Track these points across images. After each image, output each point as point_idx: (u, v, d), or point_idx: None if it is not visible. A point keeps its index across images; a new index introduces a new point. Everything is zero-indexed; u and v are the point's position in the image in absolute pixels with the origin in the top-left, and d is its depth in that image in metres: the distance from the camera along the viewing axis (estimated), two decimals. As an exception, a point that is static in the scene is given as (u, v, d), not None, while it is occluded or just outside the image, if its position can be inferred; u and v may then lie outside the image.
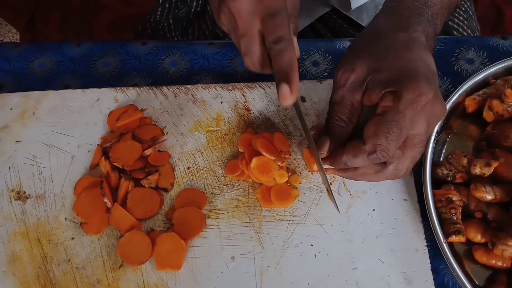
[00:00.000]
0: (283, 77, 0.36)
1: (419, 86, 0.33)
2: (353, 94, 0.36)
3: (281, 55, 0.36)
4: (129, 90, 0.49)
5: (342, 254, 0.40)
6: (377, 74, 0.35)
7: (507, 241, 0.36)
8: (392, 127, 0.33)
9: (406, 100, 0.33)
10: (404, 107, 0.33)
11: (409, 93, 0.33)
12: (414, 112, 0.33)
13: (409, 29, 0.37)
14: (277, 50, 0.36)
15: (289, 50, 0.36)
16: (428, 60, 0.35)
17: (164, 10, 0.66)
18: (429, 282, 0.38)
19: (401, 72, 0.34)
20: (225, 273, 0.39)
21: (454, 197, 0.39)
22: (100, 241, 0.41)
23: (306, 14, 0.64)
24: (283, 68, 0.36)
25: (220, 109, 0.47)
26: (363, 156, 0.35)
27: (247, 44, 0.38)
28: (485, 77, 0.46)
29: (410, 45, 0.36)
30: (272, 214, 0.42)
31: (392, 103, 0.34)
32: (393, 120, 0.33)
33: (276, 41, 0.36)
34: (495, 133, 0.42)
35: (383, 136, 0.33)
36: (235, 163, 0.43)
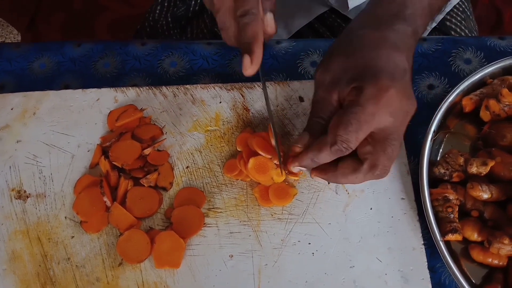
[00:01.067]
0: (246, 48, 0.39)
1: (380, 82, 0.34)
2: (330, 94, 0.37)
3: (246, 27, 0.38)
4: (129, 90, 0.49)
5: (339, 252, 0.40)
6: (346, 72, 0.37)
7: (503, 239, 0.36)
8: (351, 119, 0.34)
9: (366, 94, 0.34)
10: (364, 101, 0.34)
11: (370, 87, 0.34)
12: (375, 106, 0.34)
13: (380, 27, 0.38)
14: (242, 23, 0.39)
15: (253, 23, 0.38)
16: (397, 57, 0.36)
17: (163, 9, 0.66)
18: (426, 281, 0.38)
19: (366, 69, 0.36)
20: (223, 271, 0.40)
21: (451, 196, 0.39)
22: (99, 239, 0.42)
23: (304, 13, 0.65)
24: (246, 39, 0.39)
25: (219, 108, 0.48)
26: (326, 149, 0.36)
27: (222, 18, 0.40)
28: (482, 77, 0.46)
29: (378, 43, 0.37)
30: (270, 213, 0.42)
31: (354, 97, 0.35)
32: (352, 112, 0.35)
33: (242, 14, 0.39)
34: (491, 133, 0.42)
35: (342, 127, 0.35)
36: (234, 162, 0.44)
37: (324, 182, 0.43)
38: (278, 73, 0.52)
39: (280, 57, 0.53)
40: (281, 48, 0.53)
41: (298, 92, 0.48)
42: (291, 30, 0.65)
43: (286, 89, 0.49)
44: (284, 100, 0.48)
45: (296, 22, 0.65)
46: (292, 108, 0.48)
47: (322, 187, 0.43)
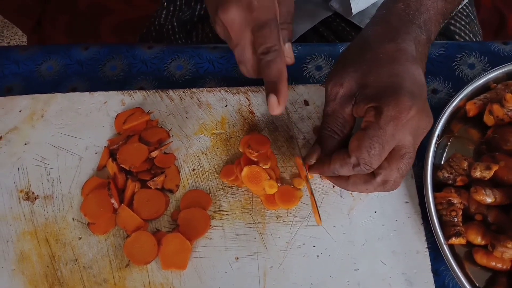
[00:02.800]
0: (272, 88, 0.37)
1: (400, 103, 0.34)
2: (343, 108, 0.37)
3: (270, 66, 0.37)
4: (136, 93, 0.50)
5: (344, 255, 0.40)
6: (363, 89, 0.36)
7: (506, 243, 0.36)
8: (374, 143, 0.34)
9: (386, 117, 0.34)
10: (385, 123, 0.34)
11: (390, 109, 0.34)
12: (396, 128, 0.34)
13: (397, 38, 0.37)
14: (265, 61, 0.37)
15: (277, 61, 0.37)
16: (415, 71, 0.35)
17: (169, 13, 0.67)
18: (430, 284, 0.39)
19: (384, 87, 0.35)
20: (229, 273, 0.40)
21: (455, 199, 0.40)
22: (107, 241, 0.42)
23: (308, 17, 0.65)
24: (271, 78, 0.37)
25: (225, 112, 0.48)
26: (348, 167, 0.36)
27: (241, 53, 0.39)
28: (486, 82, 0.46)
29: (396, 57, 0.36)
30: (275, 216, 0.43)
31: (374, 119, 0.35)
32: (375, 135, 0.34)
33: (264, 52, 0.37)
34: (495, 137, 0.42)
35: (366, 150, 0.34)
36: (231, 168, 0.44)
37: (330, 184, 0.43)
38: (283, 77, 0.52)
39: (285, 61, 0.53)
40: (286, 52, 0.54)
41: (303, 96, 0.49)
42: (295, 34, 0.65)
43: (291, 93, 0.49)
44: (289, 104, 0.49)
45: (301, 26, 0.65)
46: (297, 111, 0.48)
47: (327, 191, 0.44)
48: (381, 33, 0.38)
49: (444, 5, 0.40)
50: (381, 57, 0.36)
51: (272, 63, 0.37)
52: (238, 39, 0.38)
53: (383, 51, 0.37)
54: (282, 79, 0.37)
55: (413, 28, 0.38)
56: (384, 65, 0.36)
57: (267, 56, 0.37)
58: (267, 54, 0.37)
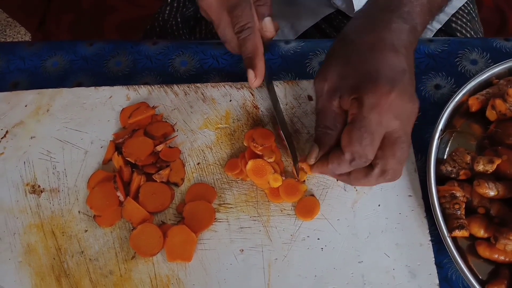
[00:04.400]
0: (249, 63, 0.41)
1: (378, 89, 0.34)
2: (331, 102, 0.37)
3: (244, 43, 0.41)
4: (141, 88, 0.50)
5: (348, 247, 0.41)
6: (344, 81, 0.36)
7: (509, 235, 0.37)
8: (363, 133, 0.34)
9: (368, 105, 0.34)
10: (368, 112, 0.34)
11: (370, 97, 0.34)
12: (380, 114, 0.34)
13: (377, 28, 0.37)
14: (240, 39, 0.41)
15: (251, 37, 0.41)
16: (394, 58, 0.35)
17: (172, 10, 0.67)
18: (433, 276, 0.39)
19: (363, 77, 0.35)
20: (234, 265, 0.40)
21: (458, 193, 0.40)
22: (112, 233, 0.43)
23: (311, 14, 0.66)
24: (247, 54, 0.41)
25: (229, 107, 0.49)
26: (345, 164, 0.36)
27: (223, 33, 0.43)
28: (489, 77, 0.47)
29: (375, 46, 0.36)
30: (279, 209, 0.43)
31: (357, 110, 0.35)
32: (362, 126, 0.34)
33: (238, 31, 0.41)
34: (498, 132, 0.43)
35: (357, 143, 0.35)
36: (235, 161, 0.44)
37: (333, 178, 0.44)
38: (287, 73, 0.52)
39: (288, 57, 0.53)
40: (289, 48, 0.54)
41: (307, 91, 0.49)
42: (298, 31, 0.66)
43: (295, 88, 0.50)
44: (293, 99, 0.49)
45: (303, 23, 0.66)
46: (301, 106, 0.48)
47: (331, 184, 0.44)
48: (362, 26, 0.39)
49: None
50: (361, 48, 0.37)
51: (246, 40, 0.41)
52: (218, 21, 0.43)
53: (362, 42, 0.37)
54: (257, 54, 0.41)
55: (394, 19, 0.38)
56: (363, 54, 0.36)
57: (241, 34, 0.41)
58: (241, 32, 0.41)
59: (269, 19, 0.44)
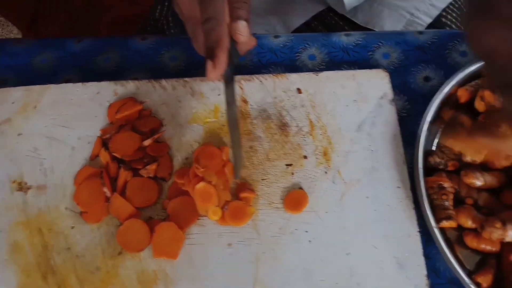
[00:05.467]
0: (209, 54, 0.38)
1: None
2: None
3: (209, 33, 0.38)
4: (129, 84, 0.50)
5: (336, 240, 0.40)
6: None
7: (494, 223, 0.36)
8: None
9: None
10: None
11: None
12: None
13: None
14: (205, 29, 0.38)
15: (216, 29, 0.38)
16: None
17: (164, 8, 0.67)
18: (421, 267, 0.39)
19: None
20: (222, 259, 0.40)
21: (446, 183, 0.40)
22: (99, 229, 0.42)
23: (301, 12, 0.66)
24: (209, 45, 0.38)
25: (218, 101, 0.49)
26: None
27: (191, 29, 0.40)
28: (478, 69, 0.46)
29: None
30: (268, 202, 0.43)
31: None
32: None
33: (205, 21, 0.38)
34: (486, 123, 0.43)
35: None
36: (186, 171, 0.43)
37: (322, 171, 0.43)
38: (276, 66, 0.52)
39: (278, 50, 0.53)
40: (279, 42, 0.54)
41: (296, 84, 0.49)
42: (289, 28, 0.66)
43: (284, 81, 0.49)
44: (282, 92, 0.49)
45: (294, 20, 0.66)
46: (290, 100, 0.48)
47: (319, 177, 0.44)
48: None
49: None
50: None
51: (210, 31, 0.38)
52: (188, 14, 0.40)
53: None
54: (220, 46, 0.38)
55: None
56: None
57: (207, 24, 0.38)
58: (207, 23, 0.38)
59: (244, 23, 0.41)
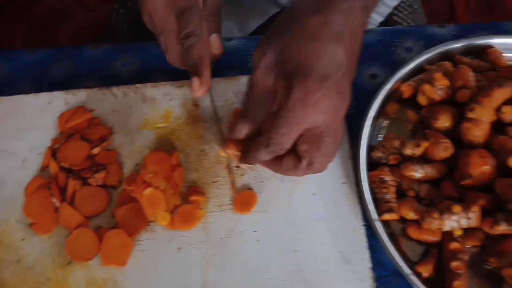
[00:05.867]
0: (194, 71, 0.38)
1: (307, 84, 0.34)
2: (266, 77, 0.37)
3: (190, 50, 0.38)
4: (80, 92, 0.50)
5: (284, 238, 0.41)
6: (280, 64, 0.36)
7: (432, 214, 0.37)
8: (281, 123, 0.35)
9: (294, 98, 0.34)
10: (293, 104, 0.35)
11: (298, 90, 0.34)
12: (303, 108, 0.35)
13: (327, 9, 0.36)
14: (186, 45, 0.38)
15: (198, 45, 0.38)
16: (335, 50, 0.35)
17: (119, 15, 0.67)
18: (366, 260, 0.40)
19: (298, 66, 0.35)
20: (171, 264, 0.40)
21: (387, 177, 0.41)
22: (50, 240, 0.42)
23: (258, 14, 0.66)
24: (192, 62, 0.38)
25: (170, 106, 0.49)
26: (263, 149, 0.36)
27: (165, 41, 0.40)
28: (420, 64, 0.48)
29: (318, 33, 0.35)
30: (218, 205, 0.43)
31: (284, 98, 0.35)
32: (283, 116, 0.35)
33: (185, 36, 0.38)
34: (427, 116, 0.44)
35: (274, 130, 0.35)
36: (135, 177, 0.43)
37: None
38: (228, 69, 0.53)
39: (230, 53, 0.54)
40: (231, 45, 0.55)
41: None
42: (246, 31, 0.66)
43: (235, 84, 0.50)
44: (233, 94, 0.49)
45: (251, 23, 0.66)
46: (241, 102, 0.49)
47: (269, 177, 0.44)
48: (310, 3, 0.37)
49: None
50: (302, 32, 0.36)
51: (192, 47, 0.38)
52: (162, 26, 0.39)
53: (306, 24, 0.36)
54: (203, 63, 0.38)
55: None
56: (302, 41, 0.36)
57: (188, 41, 0.38)
58: (188, 39, 0.38)
59: (217, 35, 0.42)
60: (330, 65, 0.35)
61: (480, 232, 0.39)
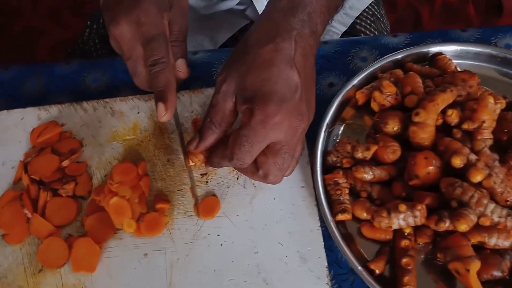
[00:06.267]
0: (159, 96, 0.41)
1: (268, 108, 0.37)
2: (225, 103, 0.40)
3: (157, 77, 0.40)
4: (51, 108, 0.52)
5: (245, 240, 0.43)
6: (241, 91, 0.39)
7: (381, 213, 0.40)
8: (244, 141, 0.38)
9: (256, 119, 0.37)
10: (255, 125, 0.37)
11: (260, 113, 0.37)
12: (264, 129, 0.37)
13: (277, 38, 0.39)
14: (153, 72, 0.40)
15: (164, 72, 0.40)
16: (289, 73, 0.38)
17: (92, 31, 0.69)
18: (322, 259, 0.42)
19: (258, 91, 0.38)
20: (138, 269, 0.42)
21: (340, 180, 0.43)
22: (21, 250, 0.44)
23: (228, 26, 0.69)
24: (158, 88, 0.41)
25: (137, 119, 0.51)
26: (226, 161, 0.40)
27: (132, 66, 0.42)
28: (373, 72, 0.50)
29: (272, 60, 0.38)
30: (183, 211, 0.45)
31: (247, 120, 0.38)
32: (245, 135, 0.38)
33: (152, 64, 0.40)
34: (377, 121, 0.47)
35: (237, 147, 0.38)
36: (103, 188, 0.45)
37: (234, 177, 0.46)
38: (194, 82, 0.55)
39: (196, 67, 0.56)
40: (197, 59, 0.57)
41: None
42: (216, 43, 0.69)
43: (200, 96, 0.52)
44: (198, 106, 0.52)
45: (221, 35, 0.69)
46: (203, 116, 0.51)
47: (232, 183, 0.47)
48: (262, 33, 0.40)
49: None
50: (258, 60, 0.39)
51: (159, 74, 0.40)
52: (130, 52, 0.41)
53: (261, 53, 0.39)
54: (170, 88, 0.40)
55: (295, 23, 0.40)
56: (260, 68, 0.39)
57: (155, 68, 0.40)
58: (155, 66, 0.40)
59: (183, 60, 0.45)
60: (287, 88, 0.38)
61: (430, 229, 0.42)
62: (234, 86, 0.40)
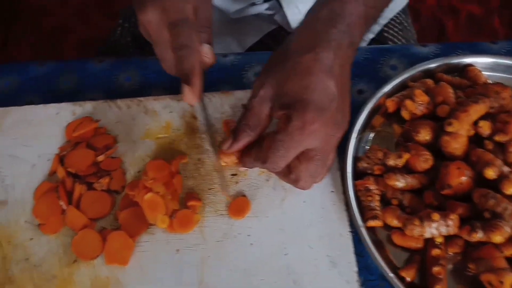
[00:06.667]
0: (185, 80, 0.41)
1: (306, 115, 0.38)
2: (261, 108, 0.41)
3: (182, 60, 0.41)
4: (86, 104, 0.53)
5: (275, 242, 0.44)
6: (279, 97, 0.40)
7: (414, 221, 0.40)
8: (279, 146, 0.38)
9: (293, 125, 0.38)
10: (292, 131, 0.38)
11: (297, 119, 0.38)
12: (301, 136, 0.38)
13: (317, 47, 0.40)
14: (178, 56, 0.41)
15: (190, 56, 0.41)
16: (328, 83, 0.39)
17: (124, 30, 0.71)
18: (352, 264, 0.43)
19: (297, 98, 0.39)
20: (170, 264, 0.43)
21: (371, 186, 0.44)
22: (56, 240, 0.45)
23: (256, 30, 0.70)
24: (184, 71, 0.41)
25: (169, 118, 0.52)
26: (260, 163, 0.41)
27: (160, 51, 0.43)
28: (404, 81, 0.51)
29: (312, 68, 0.39)
30: (214, 210, 0.46)
31: (284, 125, 0.39)
32: (281, 140, 0.38)
33: (178, 48, 0.41)
34: (409, 129, 0.47)
35: (272, 151, 0.39)
36: (137, 183, 0.46)
37: (264, 178, 0.47)
38: (224, 84, 0.56)
39: (226, 69, 0.57)
40: (227, 61, 0.58)
41: (242, 101, 0.53)
42: (244, 46, 0.70)
43: (230, 97, 0.53)
44: (229, 108, 0.53)
45: (249, 39, 0.70)
46: (236, 115, 0.52)
47: (262, 185, 0.47)
48: (303, 42, 0.41)
49: (366, 9, 0.43)
50: (298, 68, 0.40)
51: (184, 58, 0.41)
52: (157, 38, 0.42)
53: (301, 61, 0.40)
54: (195, 73, 0.41)
55: (335, 33, 0.40)
56: (299, 76, 0.39)
57: (180, 52, 0.41)
58: (180, 50, 0.41)
59: (208, 46, 0.45)
60: (325, 97, 0.39)
61: (461, 239, 0.42)
62: (272, 91, 0.41)
